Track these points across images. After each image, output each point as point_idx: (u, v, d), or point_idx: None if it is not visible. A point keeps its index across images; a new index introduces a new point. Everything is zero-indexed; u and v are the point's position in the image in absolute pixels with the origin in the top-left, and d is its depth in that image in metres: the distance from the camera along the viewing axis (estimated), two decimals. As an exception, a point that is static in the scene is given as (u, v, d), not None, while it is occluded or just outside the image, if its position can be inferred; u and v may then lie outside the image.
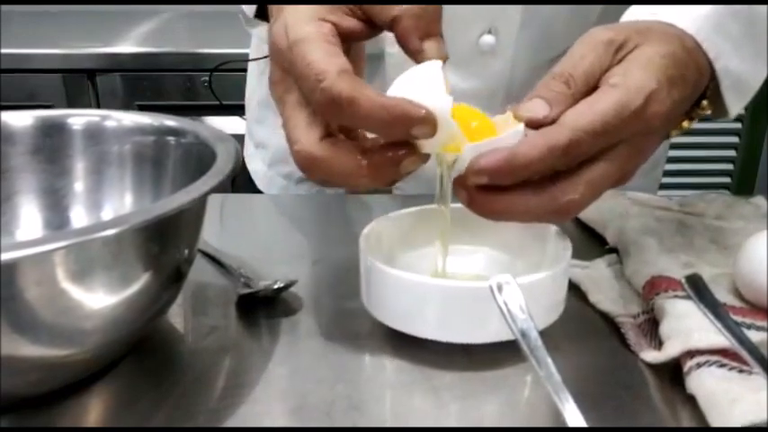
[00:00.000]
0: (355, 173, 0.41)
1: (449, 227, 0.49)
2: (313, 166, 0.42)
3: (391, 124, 0.40)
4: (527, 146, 0.40)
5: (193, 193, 0.41)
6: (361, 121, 0.40)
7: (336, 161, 0.41)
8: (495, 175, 0.40)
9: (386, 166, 0.42)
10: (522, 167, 0.40)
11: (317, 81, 0.40)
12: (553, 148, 0.40)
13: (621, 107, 0.41)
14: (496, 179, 0.41)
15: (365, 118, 0.40)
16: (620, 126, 0.41)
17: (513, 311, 0.38)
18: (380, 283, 0.47)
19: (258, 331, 0.50)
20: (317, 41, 0.41)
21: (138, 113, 0.56)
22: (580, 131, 0.40)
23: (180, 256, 0.45)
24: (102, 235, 0.37)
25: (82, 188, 0.55)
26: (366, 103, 0.39)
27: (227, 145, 0.49)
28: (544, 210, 0.41)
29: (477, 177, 0.41)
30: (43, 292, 0.37)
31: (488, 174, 0.40)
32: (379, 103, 0.39)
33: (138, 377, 0.45)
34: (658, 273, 0.49)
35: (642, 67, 0.42)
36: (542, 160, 0.40)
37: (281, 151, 0.81)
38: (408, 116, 0.39)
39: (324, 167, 0.42)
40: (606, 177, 0.42)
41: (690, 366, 0.41)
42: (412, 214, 0.54)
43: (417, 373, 0.45)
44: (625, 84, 0.42)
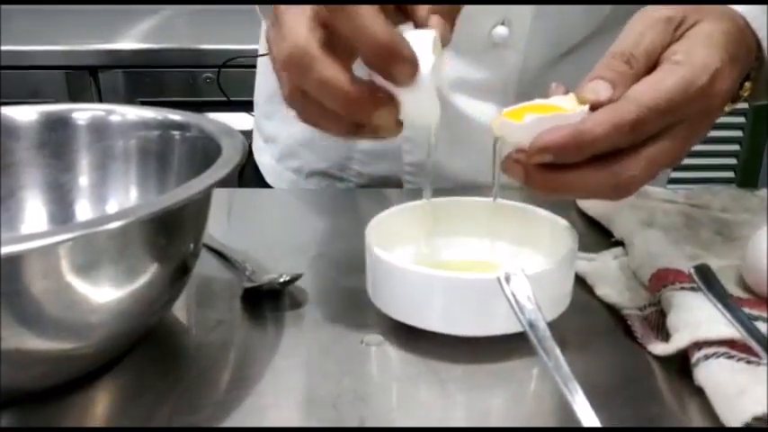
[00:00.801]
0: (336, 84, 0.39)
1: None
2: (298, 60, 0.40)
3: (382, 46, 0.38)
4: (592, 122, 0.40)
5: (199, 185, 0.41)
6: (356, 32, 0.39)
7: (324, 63, 0.39)
8: (560, 152, 0.40)
9: (364, 98, 0.40)
10: (587, 144, 0.40)
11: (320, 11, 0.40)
12: (619, 126, 0.39)
13: (687, 84, 0.41)
14: (561, 157, 0.40)
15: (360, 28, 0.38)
16: (685, 103, 0.41)
17: (521, 302, 0.38)
18: (386, 276, 0.46)
19: (264, 325, 0.50)
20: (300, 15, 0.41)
21: (143, 108, 0.55)
22: (646, 108, 0.40)
23: (185, 249, 0.45)
24: (108, 228, 0.37)
25: (87, 183, 0.55)
26: (367, 14, 0.38)
27: (233, 138, 0.48)
28: (604, 186, 0.41)
29: (540, 155, 0.40)
30: (49, 285, 0.37)
31: (553, 151, 0.40)
32: (378, 19, 0.38)
33: (143, 371, 0.45)
34: (665, 265, 0.49)
35: (705, 45, 0.42)
36: (608, 137, 0.40)
37: (290, 146, 0.81)
38: (400, 47, 0.38)
39: (309, 65, 0.40)
40: (666, 155, 0.42)
41: (698, 358, 0.41)
42: (418, 207, 0.54)
43: (423, 366, 0.45)
44: (690, 61, 0.41)
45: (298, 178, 0.81)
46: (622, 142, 0.41)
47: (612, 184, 0.41)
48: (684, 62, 0.42)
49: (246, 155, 0.47)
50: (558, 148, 0.40)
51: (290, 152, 0.81)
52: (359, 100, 0.40)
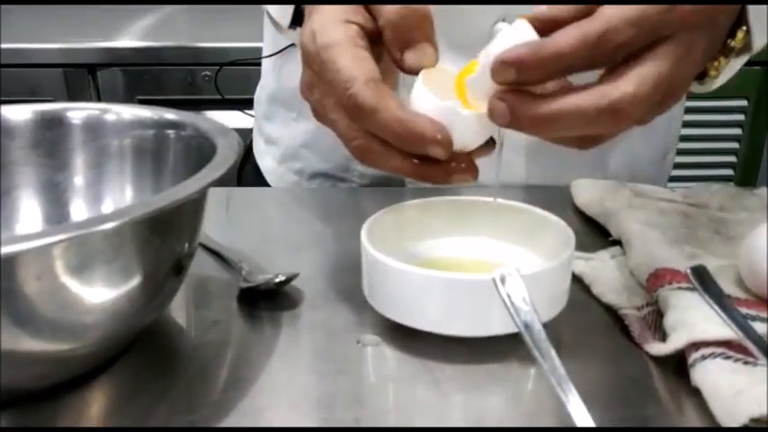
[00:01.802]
0: (409, 169, 0.42)
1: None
2: (370, 156, 0.43)
3: (406, 140, 0.40)
4: (557, 35, 0.38)
5: (194, 185, 0.40)
6: (381, 132, 0.41)
7: (390, 156, 0.42)
8: (522, 66, 0.38)
9: (435, 172, 0.42)
10: (551, 57, 0.38)
11: (345, 88, 0.41)
12: (586, 35, 0.37)
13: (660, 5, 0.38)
14: (525, 72, 0.38)
15: (384, 129, 0.41)
16: (656, 16, 0.38)
17: (516, 303, 0.38)
18: (382, 276, 0.46)
19: (260, 325, 0.50)
20: (346, 46, 0.42)
21: (138, 107, 0.55)
22: (615, 19, 0.38)
23: (180, 249, 0.45)
24: (102, 228, 0.36)
25: (82, 182, 0.55)
26: (386, 115, 0.40)
27: (228, 138, 0.48)
28: (596, 109, 0.38)
29: (503, 72, 0.39)
30: (43, 286, 0.37)
31: (513, 64, 0.38)
32: (397, 117, 0.40)
33: (139, 371, 0.45)
34: (662, 265, 0.49)
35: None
36: (574, 49, 0.37)
37: (291, 147, 0.80)
38: (423, 136, 0.40)
39: (380, 160, 0.43)
40: (657, 74, 0.39)
41: (695, 358, 0.41)
42: (415, 206, 0.54)
43: (420, 366, 0.45)
44: None
45: (300, 180, 0.81)
46: (595, 58, 0.38)
47: (606, 106, 0.38)
48: None
49: (242, 154, 0.47)
50: (517, 60, 0.38)
51: (292, 154, 0.81)
52: (432, 174, 0.42)
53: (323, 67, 0.43)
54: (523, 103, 0.39)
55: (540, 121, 0.39)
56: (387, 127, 0.40)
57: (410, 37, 0.43)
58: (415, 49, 0.43)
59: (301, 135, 0.79)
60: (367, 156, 0.43)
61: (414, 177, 0.43)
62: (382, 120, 0.40)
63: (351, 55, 0.42)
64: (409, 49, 0.43)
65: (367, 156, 0.43)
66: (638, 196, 0.62)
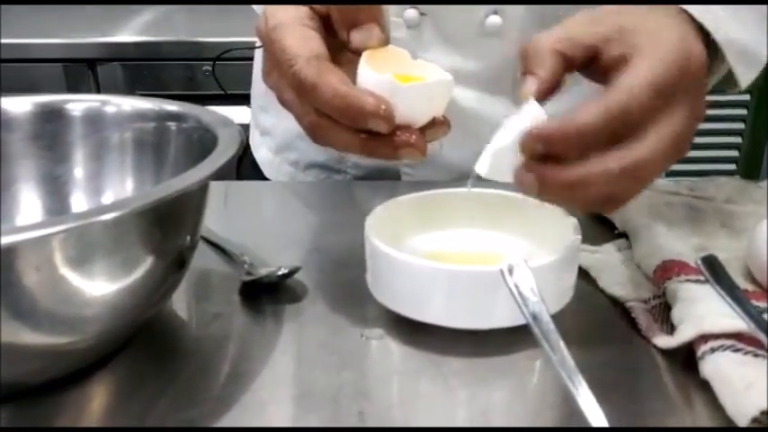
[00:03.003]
0: (357, 145, 0.43)
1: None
2: (321, 134, 0.44)
3: (348, 114, 0.41)
4: (582, 111, 0.39)
5: (195, 176, 0.40)
6: (324, 107, 0.42)
7: (338, 132, 0.43)
8: (551, 141, 0.39)
9: (383, 146, 0.42)
10: (579, 132, 0.39)
11: (290, 66, 0.42)
12: (609, 109, 0.39)
13: (668, 62, 0.40)
14: (553, 145, 0.39)
15: (326, 104, 0.41)
16: (672, 79, 0.40)
17: (524, 294, 0.37)
18: (386, 268, 0.46)
19: (262, 318, 0.49)
20: (293, 26, 0.43)
21: (138, 98, 0.55)
22: (635, 89, 0.39)
23: (182, 241, 0.44)
24: (102, 219, 0.36)
25: (82, 174, 0.54)
26: (327, 90, 0.41)
27: (230, 129, 0.48)
28: (619, 168, 0.39)
29: (531, 147, 0.39)
30: (43, 278, 0.36)
31: (544, 139, 0.39)
32: (338, 92, 0.41)
33: (141, 364, 0.44)
34: (670, 257, 0.48)
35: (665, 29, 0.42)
36: (600, 123, 0.39)
37: (287, 138, 0.80)
38: (363, 109, 0.40)
39: (330, 136, 0.43)
40: (674, 132, 0.41)
41: (703, 351, 0.40)
42: (418, 199, 0.53)
43: (424, 359, 0.44)
44: (660, 41, 0.41)
45: (295, 171, 0.80)
46: (619, 129, 0.39)
47: (630, 165, 0.39)
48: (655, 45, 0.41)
49: (243, 145, 0.46)
50: (547, 136, 0.39)
51: (287, 145, 0.80)
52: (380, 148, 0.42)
53: (272, 47, 0.43)
54: (551, 170, 0.40)
55: (567, 186, 0.40)
56: (328, 102, 0.41)
57: (356, 17, 0.44)
58: (361, 29, 0.44)
59: (296, 126, 0.78)
60: (318, 133, 0.44)
61: (363, 153, 0.43)
62: (323, 95, 0.41)
63: (297, 34, 0.43)
64: (355, 28, 0.44)
65: (318, 133, 0.44)
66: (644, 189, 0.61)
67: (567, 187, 0.40)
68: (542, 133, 0.39)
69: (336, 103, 0.41)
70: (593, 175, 0.40)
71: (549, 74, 0.42)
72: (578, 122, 0.39)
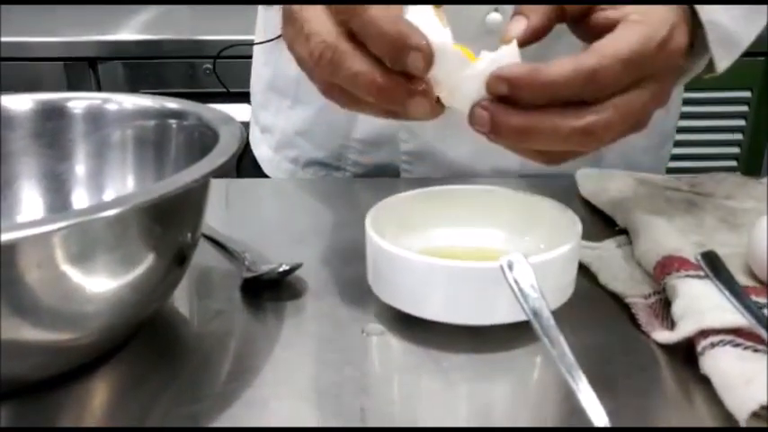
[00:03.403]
0: (368, 78, 0.41)
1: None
2: (329, 57, 0.41)
3: (392, 40, 0.39)
4: (553, 64, 0.40)
5: (196, 173, 0.40)
6: (369, 27, 0.40)
7: (354, 58, 0.41)
8: (516, 85, 0.40)
9: (396, 89, 0.41)
10: (544, 83, 0.39)
11: None
12: (579, 70, 0.39)
13: (648, 38, 0.41)
14: (517, 90, 0.40)
15: (373, 24, 0.39)
16: (648, 56, 0.41)
17: (524, 290, 0.37)
18: (387, 264, 0.46)
19: (264, 315, 0.49)
20: None
21: (140, 96, 0.55)
22: (607, 56, 0.40)
23: (183, 238, 0.45)
24: (103, 215, 0.36)
25: (83, 172, 0.55)
26: (379, 12, 0.39)
27: (231, 126, 0.48)
28: (572, 129, 0.40)
29: (496, 86, 0.40)
30: (44, 274, 0.37)
31: (510, 82, 0.40)
32: (391, 15, 0.39)
33: (142, 361, 0.45)
34: (670, 253, 0.48)
35: (659, 5, 0.43)
36: (567, 80, 0.39)
37: (286, 135, 0.80)
38: (409, 37, 0.39)
39: (344, 60, 0.41)
40: (635, 105, 0.42)
41: (703, 346, 0.40)
42: (419, 195, 0.53)
43: (425, 355, 0.44)
44: (647, 18, 0.42)
45: (295, 168, 0.81)
46: (585, 91, 0.40)
47: (581, 127, 0.40)
48: (642, 20, 0.42)
49: (245, 142, 0.47)
50: (514, 79, 0.40)
51: (287, 142, 0.80)
52: (391, 90, 0.41)
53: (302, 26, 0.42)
54: (504, 112, 0.41)
55: (518, 133, 0.41)
56: (377, 22, 0.39)
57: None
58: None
59: (296, 123, 0.79)
60: (331, 54, 0.41)
61: (371, 91, 0.41)
62: (374, 14, 0.39)
63: None
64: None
65: (331, 54, 0.41)
66: (644, 185, 0.62)
67: (515, 132, 0.41)
68: (510, 75, 0.40)
69: (385, 24, 0.39)
70: (543, 128, 0.40)
71: (540, 21, 0.43)
72: (547, 74, 0.39)
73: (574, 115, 0.40)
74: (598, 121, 0.41)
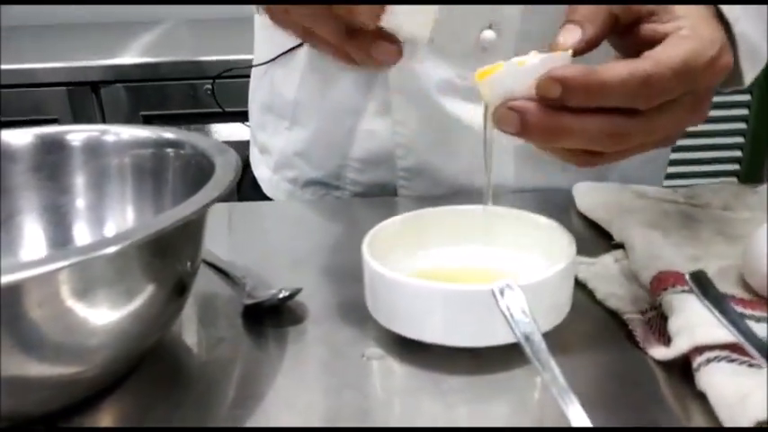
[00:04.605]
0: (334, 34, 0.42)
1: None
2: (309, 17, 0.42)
3: None
4: (607, 67, 0.39)
5: (193, 206, 0.41)
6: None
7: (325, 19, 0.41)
8: (570, 86, 0.39)
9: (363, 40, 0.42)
10: (598, 85, 0.39)
11: None
12: (634, 74, 0.39)
13: (698, 53, 0.41)
14: (569, 93, 0.39)
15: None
16: (697, 70, 0.41)
17: (515, 316, 0.38)
18: (384, 289, 0.46)
19: (265, 341, 0.50)
20: None
21: (137, 127, 0.56)
22: (662, 64, 0.40)
23: (182, 268, 0.45)
24: (103, 253, 0.37)
25: (84, 204, 0.55)
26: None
27: (227, 156, 0.48)
28: (600, 132, 0.40)
29: (549, 87, 0.40)
30: (46, 311, 0.37)
31: (564, 83, 0.39)
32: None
33: (146, 392, 0.45)
34: (665, 267, 0.48)
35: (706, 24, 0.43)
36: (622, 84, 0.39)
37: (285, 156, 0.81)
38: None
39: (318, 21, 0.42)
40: (669, 124, 0.42)
41: (699, 362, 0.41)
42: (414, 217, 0.54)
43: (425, 378, 0.45)
44: (698, 35, 0.42)
45: (294, 188, 0.81)
46: (637, 97, 0.40)
47: (609, 132, 0.41)
48: (693, 36, 0.42)
49: (240, 171, 0.47)
50: (569, 80, 0.39)
51: (286, 162, 0.81)
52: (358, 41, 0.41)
53: None
54: (535, 113, 0.40)
55: (548, 132, 0.41)
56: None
57: None
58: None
59: (294, 143, 0.80)
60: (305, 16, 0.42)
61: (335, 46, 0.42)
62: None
63: None
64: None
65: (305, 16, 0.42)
66: (641, 198, 0.62)
67: (546, 132, 0.41)
68: (566, 75, 0.39)
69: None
70: (577, 129, 0.40)
71: (595, 34, 0.43)
72: (603, 77, 0.39)
73: (608, 120, 0.40)
74: (629, 125, 0.41)
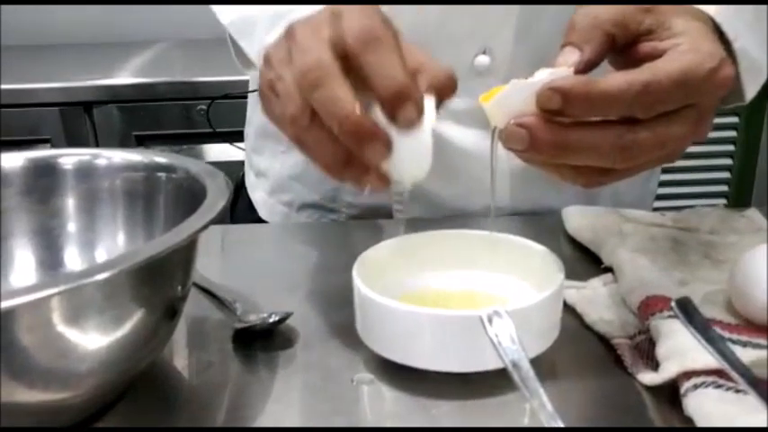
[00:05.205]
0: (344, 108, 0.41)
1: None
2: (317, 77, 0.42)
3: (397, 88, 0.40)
4: (606, 78, 0.40)
5: (183, 233, 0.41)
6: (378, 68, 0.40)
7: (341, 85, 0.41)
8: (570, 97, 0.40)
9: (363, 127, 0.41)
10: (598, 95, 0.40)
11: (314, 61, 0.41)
12: (632, 82, 0.40)
13: (698, 64, 0.41)
14: (570, 103, 0.40)
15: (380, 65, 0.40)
16: (697, 81, 0.41)
17: (503, 343, 0.38)
18: (373, 314, 0.46)
19: (255, 366, 0.50)
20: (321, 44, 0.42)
21: (128, 151, 0.56)
22: (661, 74, 0.40)
23: (173, 293, 0.45)
24: (94, 280, 0.37)
25: (75, 228, 0.55)
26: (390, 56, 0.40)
27: (218, 181, 0.49)
28: (609, 146, 0.41)
29: (549, 98, 0.40)
30: (36, 337, 0.37)
31: (564, 94, 0.40)
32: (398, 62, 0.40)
33: (135, 416, 0.45)
34: (653, 292, 0.49)
35: (705, 39, 0.44)
36: (621, 93, 0.40)
37: (280, 179, 0.81)
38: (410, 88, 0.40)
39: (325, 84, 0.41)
40: (674, 136, 0.42)
41: (687, 388, 0.41)
42: (405, 241, 0.54)
43: (415, 403, 0.45)
44: (697, 49, 0.42)
45: (289, 211, 0.81)
46: (636, 105, 0.40)
47: (618, 146, 0.41)
48: (692, 50, 0.42)
49: (232, 195, 0.47)
50: (568, 90, 0.40)
51: (281, 186, 0.81)
52: (359, 126, 0.41)
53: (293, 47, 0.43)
54: (544, 128, 0.41)
55: (556, 147, 0.41)
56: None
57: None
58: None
59: (290, 167, 0.80)
60: (302, 134, 0.43)
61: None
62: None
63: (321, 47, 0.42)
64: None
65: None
66: (629, 222, 0.62)
67: (555, 148, 0.41)
68: (564, 86, 0.40)
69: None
70: (586, 142, 0.41)
71: (593, 54, 0.43)
72: (602, 87, 0.40)
73: (615, 132, 0.41)
74: (637, 138, 0.41)
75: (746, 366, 0.39)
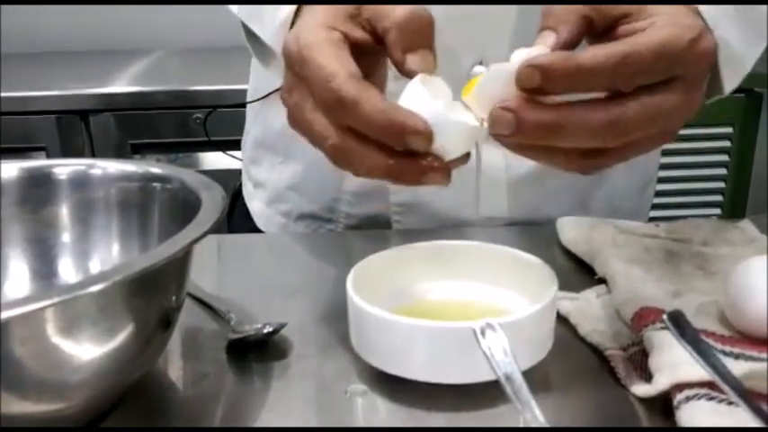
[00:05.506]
0: (382, 168, 0.42)
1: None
2: (344, 157, 0.43)
3: (388, 130, 0.41)
4: (585, 52, 0.40)
5: (177, 245, 0.41)
6: (363, 124, 0.41)
7: (365, 154, 0.42)
8: (549, 72, 0.39)
9: (409, 171, 0.42)
10: (576, 69, 0.39)
11: (327, 81, 0.42)
12: (611, 54, 0.40)
13: (677, 36, 0.41)
14: (550, 79, 0.39)
15: (366, 120, 0.41)
16: (678, 51, 0.41)
17: (496, 356, 0.38)
18: (367, 325, 0.47)
19: (249, 377, 0.50)
20: (327, 46, 0.43)
21: (123, 161, 0.56)
22: (640, 45, 0.40)
23: (167, 304, 0.45)
24: (88, 291, 0.37)
25: (69, 238, 0.55)
26: (368, 107, 0.41)
27: (213, 192, 0.49)
28: (600, 124, 0.40)
29: (529, 75, 0.40)
30: (30, 348, 0.37)
31: (543, 70, 0.39)
32: (380, 108, 0.41)
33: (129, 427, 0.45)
34: (646, 304, 0.49)
35: (684, 14, 0.43)
36: (599, 65, 0.39)
37: (278, 190, 0.81)
38: (404, 125, 0.40)
39: (355, 159, 0.43)
40: (664, 105, 0.42)
41: (679, 400, 0.41)
42: (401, 251, 0.54)
43: (408, 415, 0.45)
44: (675, 22, 0.42)
45: (287, 221, 0.81)
46: (616, 77, 0.40)
47: (606, 121, 0.40)
48: (671, 24, 0.42)
49: (227, 207, 0.47)
50: (546, 65, 0.39)
51: (279, 196, 0.81)
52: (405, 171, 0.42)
53: (304, 65, 0.43)
54: (530, 109, 0.40)
55: (544, 128, 0.40)
56: (369, 117, 0.41)
57: (414, 41, 0.44)
58: (416, 53, 0.44)
59: (288, 178, 0.80)
60: (341, 156, 0.44)
61: (387, 177, 0.43)
62: (365, 111, 0.41)
63: (332, 53, 0.43)
64: (411, 52, 0.44)
65: (341, 156, 0.44)
66: (623, 233, 0.63)
67: (543, 129, 0.40)
68: (543, 62, 0.39)
69: (378, 118, 0.41)
70: (572, 122, 0.40)
71: (570, 35, 0.43)
72: (580, 59, 0.39)
73: (603, 110, 0.40)
74: (626, 112, 0.40)
75: (737, 379, 0.40)
